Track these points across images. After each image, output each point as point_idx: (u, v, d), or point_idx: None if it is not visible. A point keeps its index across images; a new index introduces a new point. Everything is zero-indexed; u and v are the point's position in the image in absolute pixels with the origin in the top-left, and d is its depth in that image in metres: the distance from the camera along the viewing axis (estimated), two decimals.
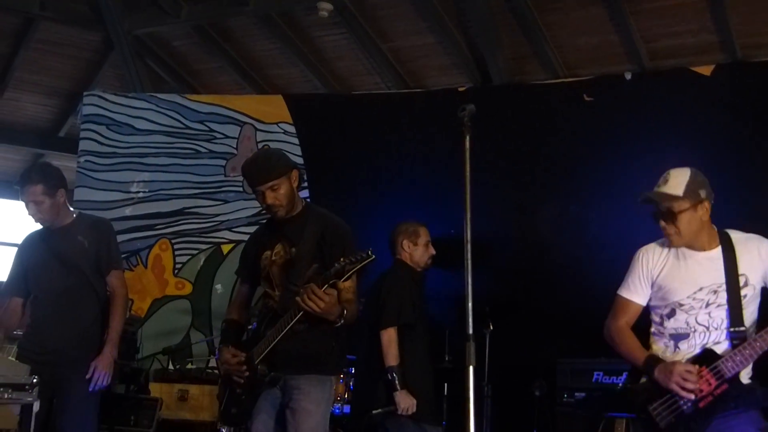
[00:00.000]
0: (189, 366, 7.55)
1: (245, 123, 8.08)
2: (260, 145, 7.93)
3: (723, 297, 3.56)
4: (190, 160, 8.07)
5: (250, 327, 4.45)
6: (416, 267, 5.38)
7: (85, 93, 8.50)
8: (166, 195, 8.05)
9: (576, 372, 5.99)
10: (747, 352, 3.45)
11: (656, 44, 7.51)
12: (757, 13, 6.89)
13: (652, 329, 3.78)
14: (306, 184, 6.77)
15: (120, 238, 5.35)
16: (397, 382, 4.94)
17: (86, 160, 8.06)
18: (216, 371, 7.22)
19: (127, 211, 8.01)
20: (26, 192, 4.75)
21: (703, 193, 3.60)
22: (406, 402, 4.95)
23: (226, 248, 7.91)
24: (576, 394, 5.91)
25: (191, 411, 6.89)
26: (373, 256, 3.63)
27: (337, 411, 6.02)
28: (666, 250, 3.74)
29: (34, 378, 4.38)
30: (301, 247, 3.98)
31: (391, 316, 5.05)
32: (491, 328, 6.07)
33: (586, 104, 6.98)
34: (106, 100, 8.22)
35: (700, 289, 3.61)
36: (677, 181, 3.60)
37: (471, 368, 2.92)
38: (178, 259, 7.99)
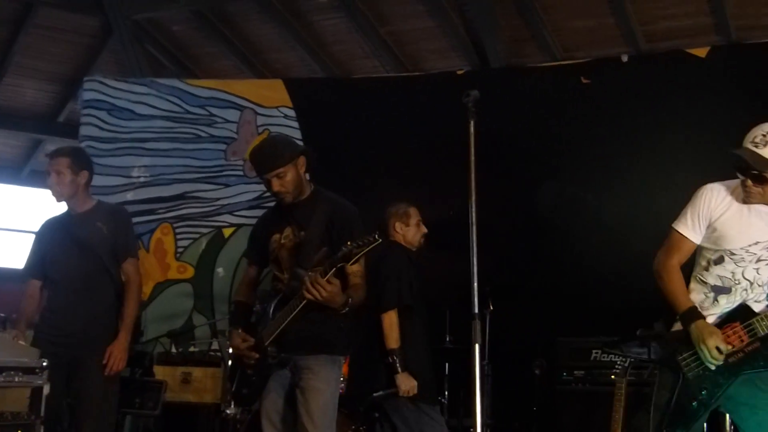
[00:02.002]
0: (192, 349, 7.58)
1: (245, 107, 8.06)
2: (260, 129, 7.93)
3: None
4: (190, 145, 8.05)
5: (255, 308, 4.49)
6: (411, 247, 5.44)
7: (85, 78, 8.43)
8: (168, 179, 8.02)
9: (575, 350, 6.09)
10: None
11: (652, 26, 7.57)
12: None
13: (695, 273, 3.74)
14: None
15: None
16: (398, 364, 4.99)
17: (87, 146, 7.94)
18: (218, 354, 7.26)
19: (129, 196, 7.97)
20: (53, 162, 4.88)
21: None
22: (407, 384, 5.00)
23: (227, 232, 7.89)
24: (575, 372, 6.03)
25: (195, 393, 6.93)
26: (380, 240, 3.68)
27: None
28: (731, 195, 3.65)
29: (44, 361, 4.47)
30: (310, 231, 4.02)
31: (391, 298, 5.10)
32: (491, 308, 6.12)
33: (584, 87, 7.02)
34: (107, 85, 8.16)
35: (756, 243, 3.58)
36: None
37: (477, 346, 2.99)
38: (179, 243, 7.97)
